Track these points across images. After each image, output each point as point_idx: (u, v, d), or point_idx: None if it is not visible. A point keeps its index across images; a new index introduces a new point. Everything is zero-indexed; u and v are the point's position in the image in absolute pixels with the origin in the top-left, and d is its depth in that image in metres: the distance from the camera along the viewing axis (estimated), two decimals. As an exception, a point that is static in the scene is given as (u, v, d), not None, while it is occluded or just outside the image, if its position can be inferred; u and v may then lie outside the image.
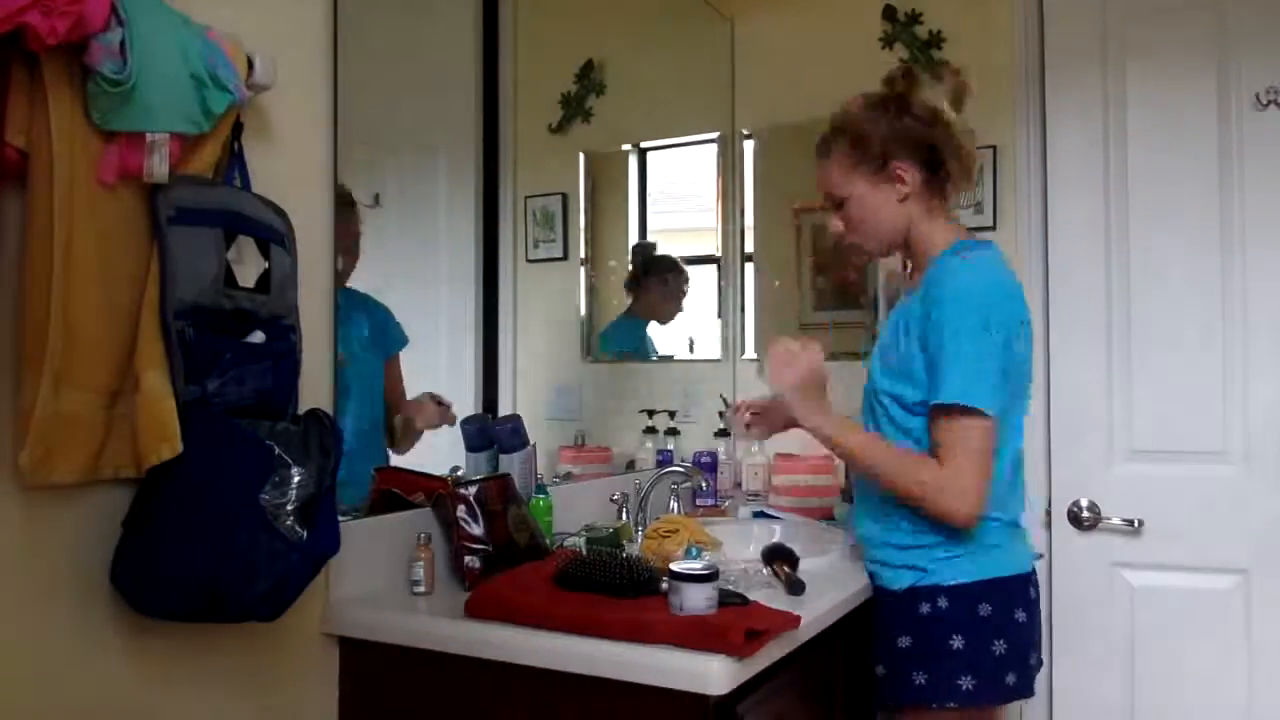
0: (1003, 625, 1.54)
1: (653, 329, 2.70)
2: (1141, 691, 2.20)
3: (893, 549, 1.61)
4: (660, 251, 2.70)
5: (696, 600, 1.31)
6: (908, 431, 1.58)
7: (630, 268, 2.62)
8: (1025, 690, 1.58)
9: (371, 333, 1.74)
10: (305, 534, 1.22)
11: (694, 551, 1.66)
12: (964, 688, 1.52)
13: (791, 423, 1.67)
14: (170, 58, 1.15)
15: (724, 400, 2.48)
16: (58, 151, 1.07)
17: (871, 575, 1.67)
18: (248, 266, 1.25)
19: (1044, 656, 2.28)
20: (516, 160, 2.06)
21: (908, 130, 1.58)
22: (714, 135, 2.85)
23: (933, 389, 1.51)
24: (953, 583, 1.54)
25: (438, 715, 1.43)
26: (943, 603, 1.55)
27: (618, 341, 2.54)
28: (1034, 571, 1.64)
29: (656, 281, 2.68)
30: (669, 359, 2.71)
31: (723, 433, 2.64)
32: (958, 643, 1.53)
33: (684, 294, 2.75)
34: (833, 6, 2.69)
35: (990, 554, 1.56)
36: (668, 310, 2.73)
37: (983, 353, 1.48)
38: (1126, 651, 2.22)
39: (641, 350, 2.66)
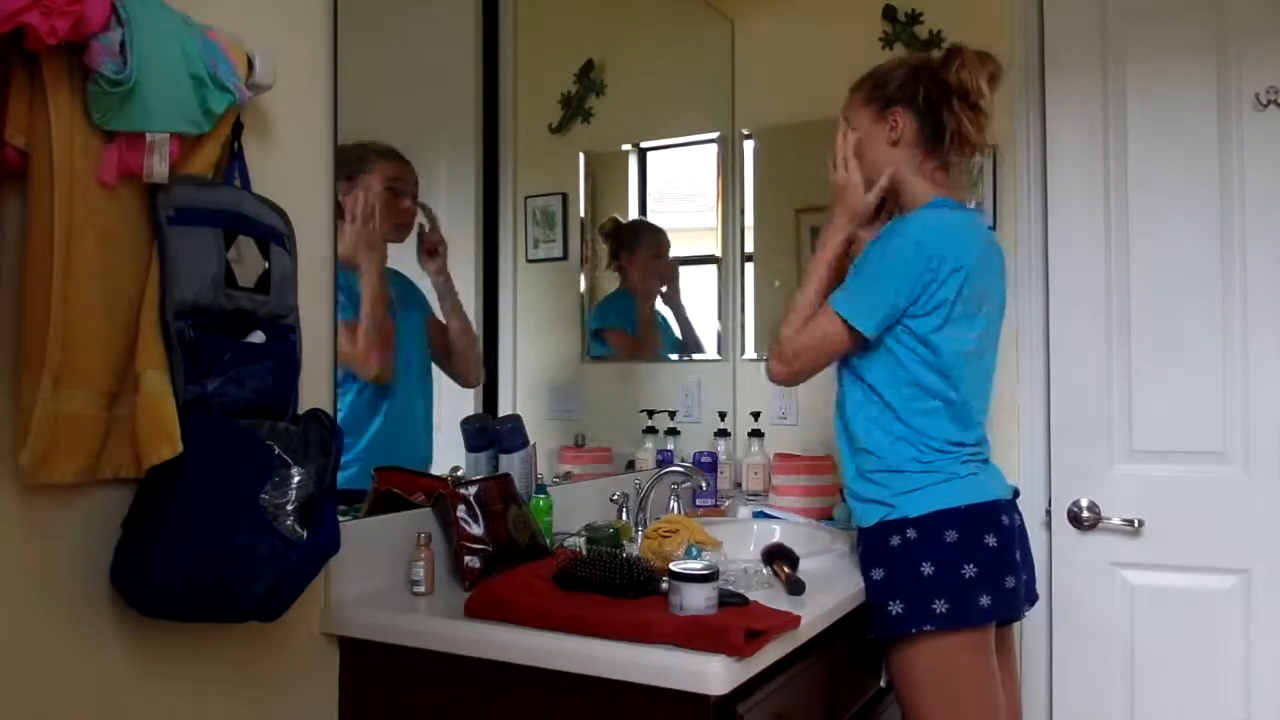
0: (971, 550, 1.61)
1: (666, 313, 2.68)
2: (1141, 691, 2.20)
3: (865, 481, 1.70)
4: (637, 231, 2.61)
5: (696, 600, 1.31)
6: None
7: (607, 248, 2.51)
8: (1005, 612, 1.65)
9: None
10: (305, 534, 1.22)
11: (694, 551, 1.66)
12: (938, 610, 1.58)
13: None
14: (170, 58, 1.15)
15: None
16: (58, 151, 1.07)
17: (851, 517, 1.77)
18: (248, 266, 1.25)
19: (1045, 652, 2.31)
20: (516, 160, 2.06)
21: (920, 92, 1.74)
22: (714, 135, 2.85)
23: None
24: (918, 514, 1.63)
25: (438, 715, 1.43)
26: (911, 534, 1.63)
27: (605, 317, 2.45)
28: (1007, 501, 1.70)
29: (641, 248, 2.60)
30: (668, 359, 2.71)
31: (722, 433, 2.64)
32: (928, 569, 1.60)
33: (668, 248, 2.69)
34: (833, 6, 2.69)
35: (951, 485, 1.65)
36: (659, 272, 2.67)
37: (876, 276, 1.64)
38: (1126, 651, 2.22)
39: (631, 325, 2.55)
